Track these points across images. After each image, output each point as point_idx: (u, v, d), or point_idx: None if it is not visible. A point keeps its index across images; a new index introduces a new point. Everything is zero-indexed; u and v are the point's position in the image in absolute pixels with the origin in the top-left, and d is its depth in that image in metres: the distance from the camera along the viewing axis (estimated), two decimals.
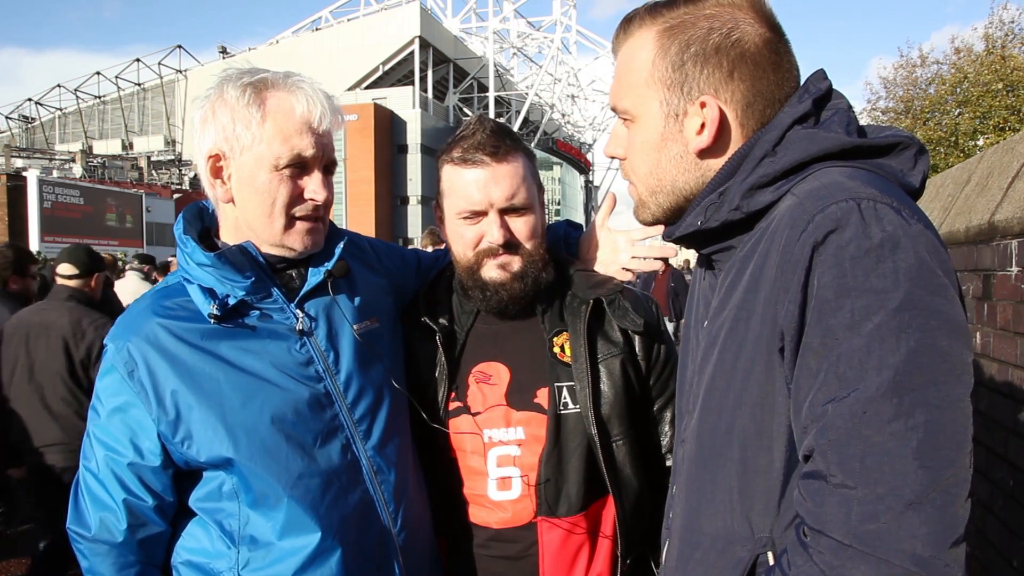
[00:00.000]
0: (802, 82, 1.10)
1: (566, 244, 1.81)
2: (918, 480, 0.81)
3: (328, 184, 1.47)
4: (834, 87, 1.09)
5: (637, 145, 1.15)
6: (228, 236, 1.50)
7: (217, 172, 1.44)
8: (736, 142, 1.08)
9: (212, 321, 1.40)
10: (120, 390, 1.39)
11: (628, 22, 1.13)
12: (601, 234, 1.81)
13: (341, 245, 1.54)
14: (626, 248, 1.77)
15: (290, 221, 1.44)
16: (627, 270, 1.77)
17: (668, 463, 1.72)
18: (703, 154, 1.09)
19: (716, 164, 1.10)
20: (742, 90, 1.06)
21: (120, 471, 1.40)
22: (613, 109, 1.18)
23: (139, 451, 1.39)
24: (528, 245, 1.62)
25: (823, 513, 0.86)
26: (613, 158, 1.22)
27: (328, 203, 1.48)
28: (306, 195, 1.44)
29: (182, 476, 1.45)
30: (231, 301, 1.41)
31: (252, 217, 1.44)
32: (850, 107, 1.07)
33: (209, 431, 1.37)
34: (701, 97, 1.06)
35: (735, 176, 1.06)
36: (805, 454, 0.90)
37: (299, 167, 1.42)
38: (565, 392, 1.62)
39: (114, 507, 1.41)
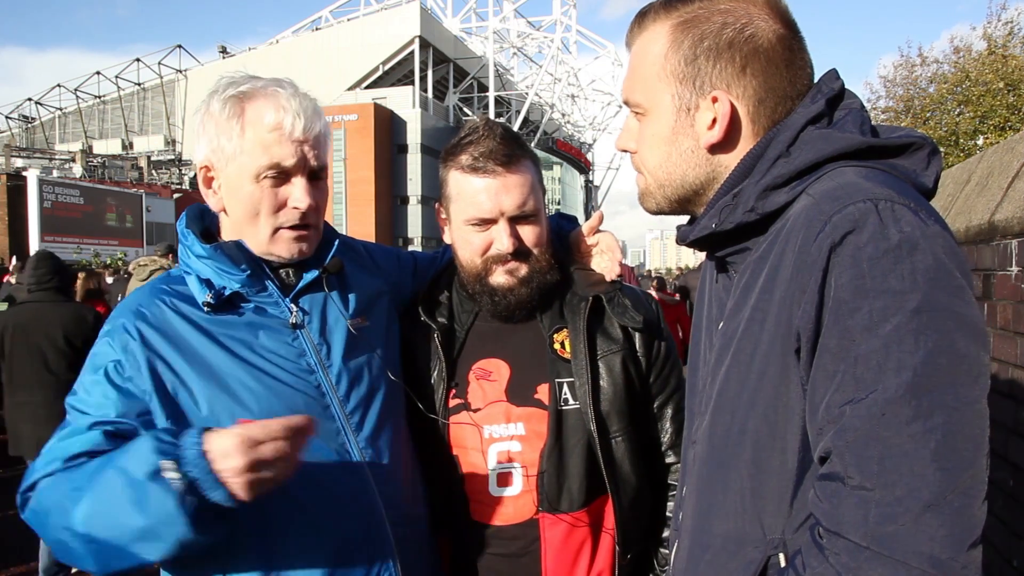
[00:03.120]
0: (815, 80, 1.10)
1: (558, 236, 1.83)
2: (936, 482, 0.81)
3: (313, 190, 1.48)
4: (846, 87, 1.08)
5: (648, 138, 1.15)
6: (227, 237, 1.54)
7: (208, 183, 1.50)
8: (747, 138, 1.08)
9: (207, 309, 1.43)
10: (111, 355, 1.39)
11: (643, 16, 1.14)
12: (588, 241, 1.85)
13: (336, 243, 1.58)
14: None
15: (275, 230, 1.47)
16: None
17: (668, 460, 1.74)
18: (714, 149, 1.09)
19: (727, 160, 1.10)
20: (754, 86, 1.05)
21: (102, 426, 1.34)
22: (625, 102, 1.18)
23: (122, 415, 1.35)
24: (536, 251, 1.65)
25: (840, 515, 0.85)
26: (624, 151, 1.22)
27: (315, 209, 1.49)
28: (289, 203, 1.46)
29: None
30: (226, 292, 1.44)
31: (241, 226, 1.49)
32: (863, 107, 1.07)
33: (203, 410, 1.37)
34: (713, 92, 1.06)
35: (749, 177, 1.06)
36: (821, 456, 0.90)
37: (280, 176, 1.44)
38: (565, 388, 1.63)
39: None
